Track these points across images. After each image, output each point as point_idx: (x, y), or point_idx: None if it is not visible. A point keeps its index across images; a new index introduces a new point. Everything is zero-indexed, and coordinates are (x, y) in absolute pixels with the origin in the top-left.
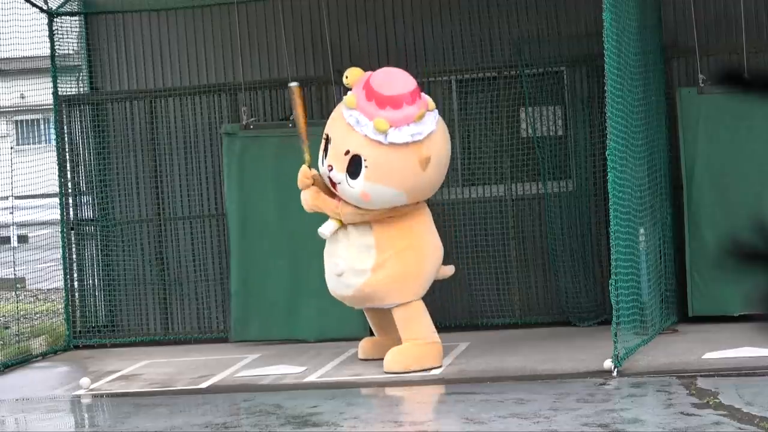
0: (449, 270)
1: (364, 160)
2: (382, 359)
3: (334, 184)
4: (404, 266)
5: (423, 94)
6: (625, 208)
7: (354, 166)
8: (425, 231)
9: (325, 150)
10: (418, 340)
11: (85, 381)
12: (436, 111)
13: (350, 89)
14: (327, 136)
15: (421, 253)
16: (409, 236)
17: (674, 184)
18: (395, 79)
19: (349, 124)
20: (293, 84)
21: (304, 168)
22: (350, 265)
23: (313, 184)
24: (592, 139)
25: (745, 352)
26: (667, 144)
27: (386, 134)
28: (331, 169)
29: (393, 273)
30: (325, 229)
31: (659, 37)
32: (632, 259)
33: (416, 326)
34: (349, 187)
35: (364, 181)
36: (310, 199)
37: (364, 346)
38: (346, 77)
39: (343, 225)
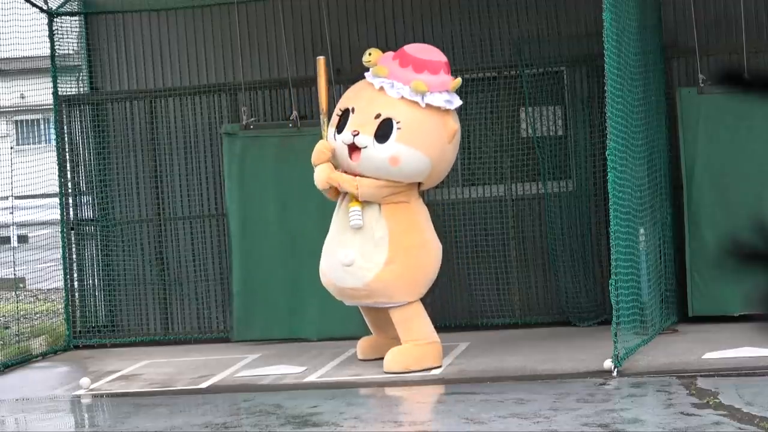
0: None
1: (397, 123)
2: (381, 359)
3: (353, 152)
4: (414, 264)
5: None
6: (625, 208)
7: (383, 129)
8: (431, 231)
9: (340, 125)
10: (418, 340)
11: (85, 381)
12: (456, 97)
13: (370, 69)
14: (346, 109)
15: (429, 253)
16: (420, 233)
17: (674, 184)
18: (431, 50)
19: (382, 88)
20: (320, 57)
21: (322, 142)
22: (362, 255)
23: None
24: (592, 139)
25: (745, 352)
26: (667, 144)
27: (424, 96)
28: (357, 134)
29: (403, 270)
30: (357, 218)
31: (659, 37)
32: (632, 259)
33: (416, 327)
34: (376, 152)
35: (396, 142)
36: (324, 173)
37: (362, 346)
38: (369, 54)
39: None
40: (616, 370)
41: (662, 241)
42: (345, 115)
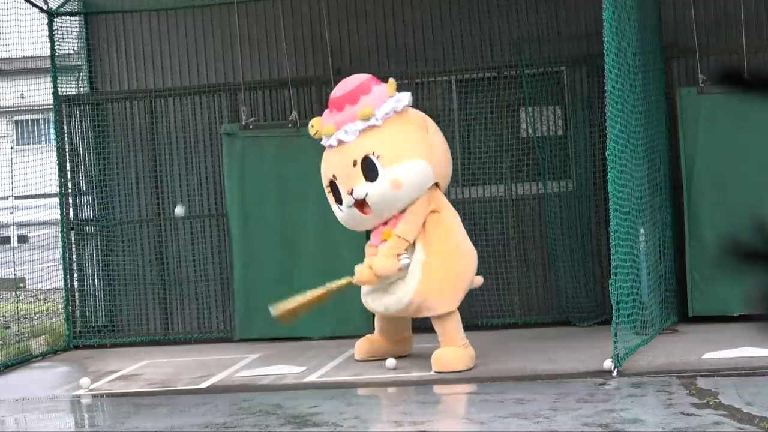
0: (479, 280)
1: (373, 155)
2: (379, 359)
3: (362, 208)
4: (450, 271)
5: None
6: (625, 208)
7: (368, 168)
8: (463, 235)
9: (335, 192)
10: (458, 344)
11: (85, 381)
12: (403, 96)
13: (318, 134)
14: (331, 181)
15: (464, 258)
16: (452, 238)
17: (674, 184)
18: (351, 79)
19: (341, 141)
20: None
21: (365, 271)
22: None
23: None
24: (592, 139)
25: (745, 352)
26: (667, 144)
27: (374, 116)
28: (352, 191)
29: (441, 280)
30: (405, 258)
31: (659, 37)
32: (632, 259)
33: (456, 332)
34: (377, 190)
35: (385, 169)
36: (382, 270)
37: (360, 347)
38: (312, 126)
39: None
40: (616, 370)
41: (662, 241)
42: (333, 186)
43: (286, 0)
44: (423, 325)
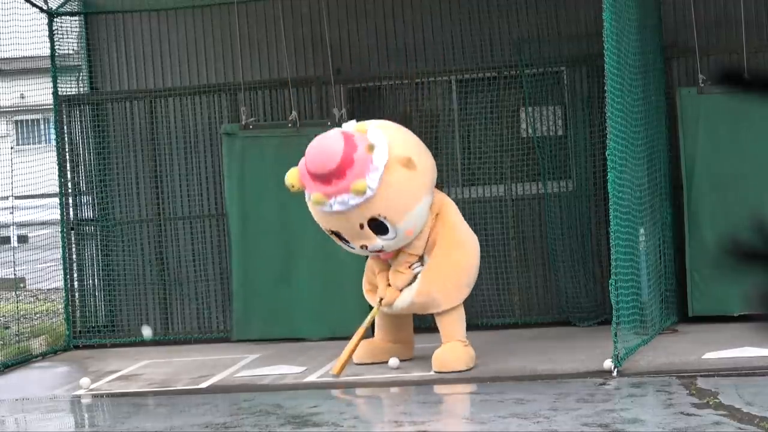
0: None
1: (380, 216)
2: (378, 363)
3: (381, 255)
4: (453, 266)
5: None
6: (625, 208)
7: (377, 227)
8: (465, 228)
9: (343, 239)
10: (461, 341)
11: (85, 381)
12: (378, 145)
13: (299, 189)
14: (333, 232)
15: (466, 252)
16: (454, 233)
17: (674, 184)
18: (325, 151)
19: (340, 212)
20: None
21: (389, 292)
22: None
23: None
24: (592, 139)
25: (745, 352)
26: (667, 144)
27: (367, 188)
28: (367, 248)
29: (443, 276)
30: (417, 267)
31: (659, 37)
32: (632, 259)
33: (459, 328)
34: (393, 240)
35: (395, 225)
36: (401, 284)
37: (359, 351)
38: (291, 184)
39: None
40: (616, 370)
41: (662, 241)
42: (337, 234)
43: (286, 0)
44: (423, 324)
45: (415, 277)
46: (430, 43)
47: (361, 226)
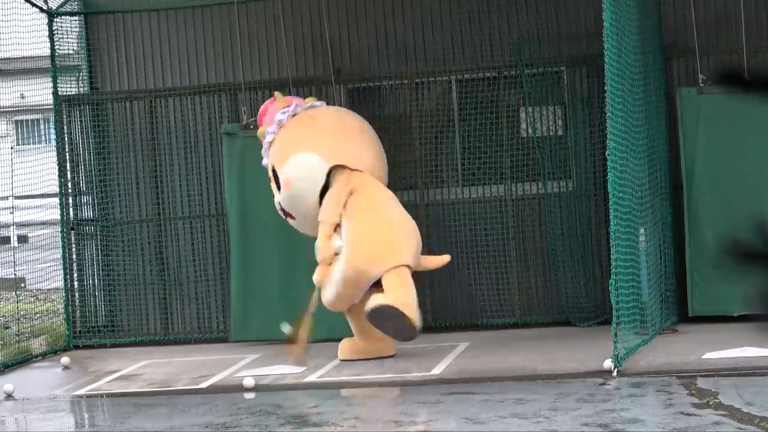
0: (439, 260)
1: (274, 166)
2: (364, 359)
3: (287, 215)
4: (375, 235)
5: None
6: (625, 208)
7: (276, 180)
8: (387, 209)
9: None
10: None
11: (65, 359)
12: (292, 108)
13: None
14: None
15: (384, 224)
16: (372, 212)
17: (674, 184)
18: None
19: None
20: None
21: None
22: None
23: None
24: (592, 139)
25: (745, 352)
26: (667, 144)
27: (267, 132)
28: (280, 206)
29: (367, 242)
30: (339, 242)
31: (659, 37)
32: (632, 259)
33: (402, 288)
34: (280, 194)
35: (282, 175)
36: (320, 255)
37: (343, 348)
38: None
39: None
40: (616, 370)
41: (662, 241)
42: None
43: (286, 0)
44: (423, 324)
45: (337, 254)
46: (430, 43)
47: (270, 180)
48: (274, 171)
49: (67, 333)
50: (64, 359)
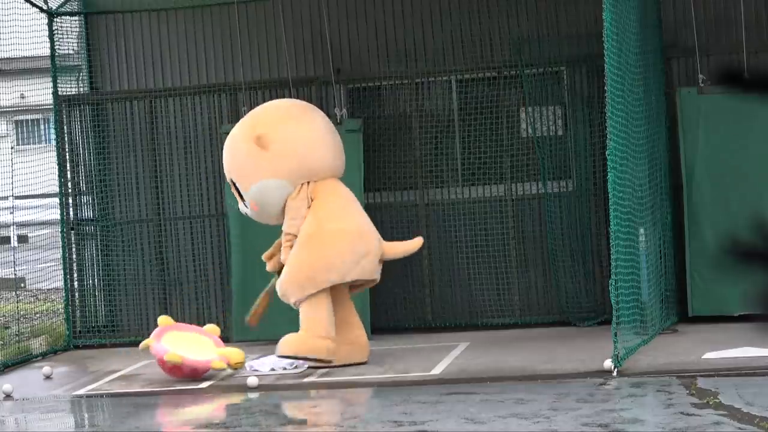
0: (413, 244)
1: (232, 179)
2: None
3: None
4: (303, 258)
5: None
6: (625, 208)
7: (237, 191)
8: (339, 218)
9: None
10: (306, 331)
11: (7, 387)
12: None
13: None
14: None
15: (323, 242)
16: (316, 223)
17: (674, 184)
18: None
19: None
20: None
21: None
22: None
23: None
24: (592, 139)
25: (745, 352)
26: (667, 144)
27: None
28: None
29: (292, 268)
30: (243, 207)
31: (659, 37)
32: (632, 259)
33: (307, 319)
34: (245, 208)
35: (244, 193)
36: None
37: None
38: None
39: None
40: (616, 370)
41: (662, 241)
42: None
43: (286, 0)
44: (423, 324)
45: None
46: (430, 43)
47: (230, 185)
48: (232, 181)
49: (67, 333)
50: (46, 369)
